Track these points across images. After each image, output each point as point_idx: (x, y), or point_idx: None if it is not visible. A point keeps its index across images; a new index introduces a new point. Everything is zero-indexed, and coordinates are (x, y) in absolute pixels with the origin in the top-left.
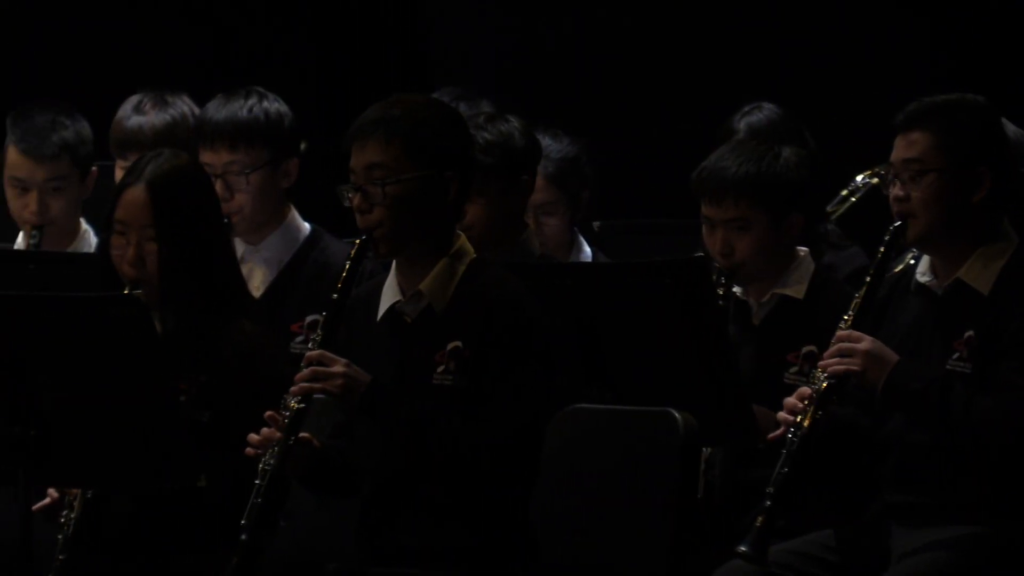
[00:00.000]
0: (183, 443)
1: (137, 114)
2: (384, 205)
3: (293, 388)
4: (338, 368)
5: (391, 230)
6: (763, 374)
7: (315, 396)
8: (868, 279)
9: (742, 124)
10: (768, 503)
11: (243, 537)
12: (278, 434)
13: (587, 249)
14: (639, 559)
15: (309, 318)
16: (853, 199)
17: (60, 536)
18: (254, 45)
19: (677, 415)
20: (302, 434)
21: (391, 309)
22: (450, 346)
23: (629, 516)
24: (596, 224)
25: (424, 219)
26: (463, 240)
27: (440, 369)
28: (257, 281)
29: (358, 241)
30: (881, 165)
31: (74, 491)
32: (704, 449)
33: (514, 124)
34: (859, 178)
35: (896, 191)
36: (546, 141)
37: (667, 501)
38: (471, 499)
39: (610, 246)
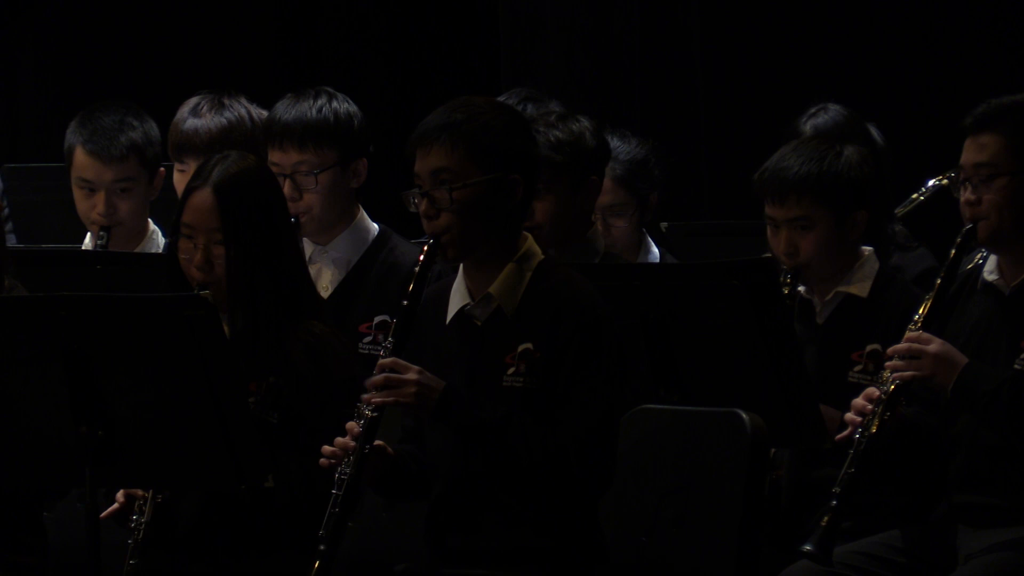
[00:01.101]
0: (252, 444)
1: (194, 117)
2: (451, 210)
3: (366, 396)
4: (411, 376)
5: (458, 234)
6: (827, 373)
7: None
8: (939, 281)
9: (808, 126)
10: (834, 503)
11: (321, 547)
12: (352, 443)
13: (655, 250)
14: (706, 559)
15: (377, 318)
16: (921, 199)
17: (130, 541)
18: (324, 45)
19: (744, 416)
20: (376, 442)
21: (460, 312)
22: (520, 348)
23: (696, 516)
24: (664, 225)
25: (491, 222)
26: (531, 241)
27: (511, 371)
28: (326, 281)
29: (426, 246)
30: (952, 169)
31: (144, 495)
32: (771, 449)
33: (585, 124)
34: (931, 183)
35: (967, 195)
36: (614, 143)
37: (734, 502)
38: (543, 500)
39: (678, 247)
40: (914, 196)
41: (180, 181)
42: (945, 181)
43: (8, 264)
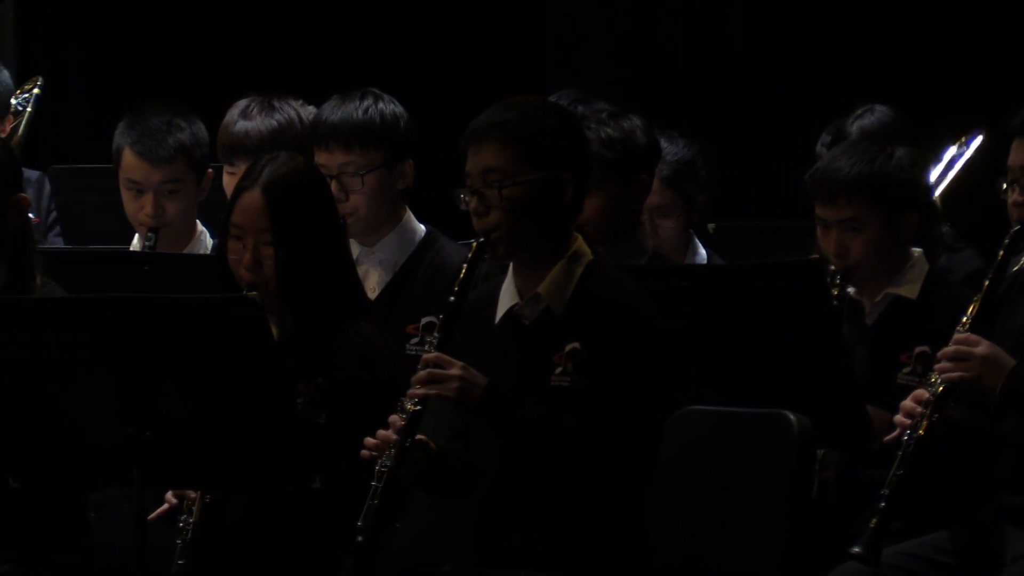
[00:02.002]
0: (300, 445)
1: (244, 119)
2: (501, 208)
3: (410, 391)
4: (454, 371)
5: (508, 233)
6: (876, 374)
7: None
8: (987, 282)
9: (854, 127)
10: (882, 505)
11: (359, 539)
12: (394, 436)
13: (702, 251)
14: (753, 560)
15: (425, 319)
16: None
17: (179, 541)
18: (371, 46)
19: (791, 417)
20: (418, 436)
21: (509, 312)
22: (568, 347)
23: (743, 518)
24: (711, 226)
25: (541, 221)
26: (580, 242)
27: (558, 371)
28: (373, 283)
29: (475, 244)
30: (1002, 171)
31: (192, 496)
32: (819, 450)
33: (636, 122)
34: (948, 153)
35: (1016, 196)
36: (662, 144)
37: (781, 503)
38: (587, 501)
39: (725, 248)
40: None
41: (229, 183)
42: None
43: (40, 263)
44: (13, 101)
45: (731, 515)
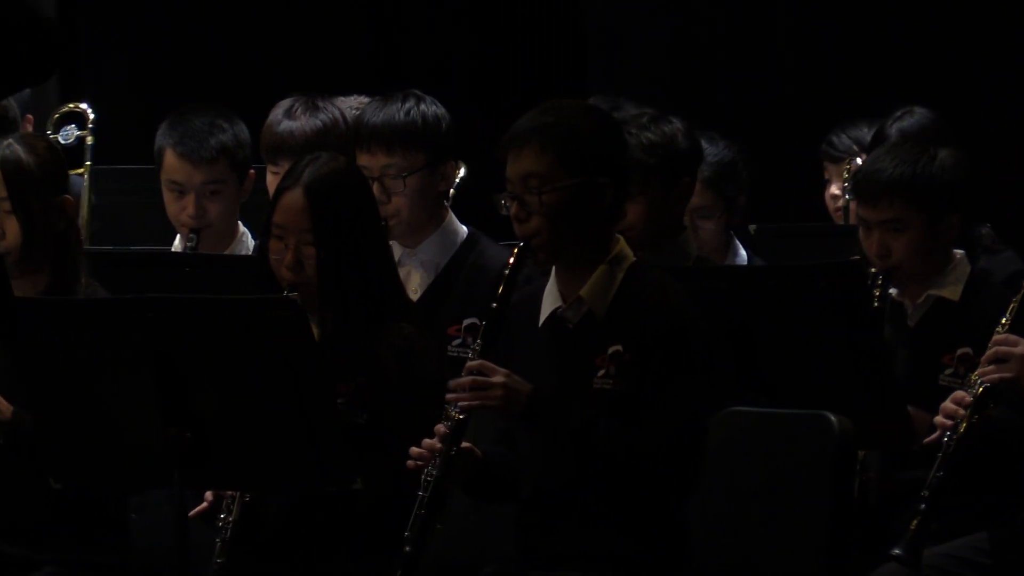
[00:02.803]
0: (340, 446)
1: (288, 119)
2: (541, 213)
3: (451, 396)
4: (498, 379)
5: (549, 238)
6: (918, 375)
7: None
8: None
9: (894, 129)
10: (922, 507)
11: (407, 549)
12: (439, 445)
13: (743, 252)
14: (794, 562)
15: (466, 321)
16: None
17: (218, 540)
18: (413, 48)
19: (832, 418)
20: (464, 444)
21: (552, 315)
22: (611, 350)
23: (784, 519)
24: (752, 227)
25: (581, 226)
26: (622, 244)
27: (601, 373)
28: (414, 284)
29: (516, 249)
30: None
31: (232, 493)
32: (860, 451)
33: (677, 126)
34: None
35: None
36: (703, 145)
37: (822, 504)
38: (629, 504)
39: (766, 249)
40: None
41: (273, 183)
42: None
43: (85, 264)
44: (55, 136)
45: (772, 516)
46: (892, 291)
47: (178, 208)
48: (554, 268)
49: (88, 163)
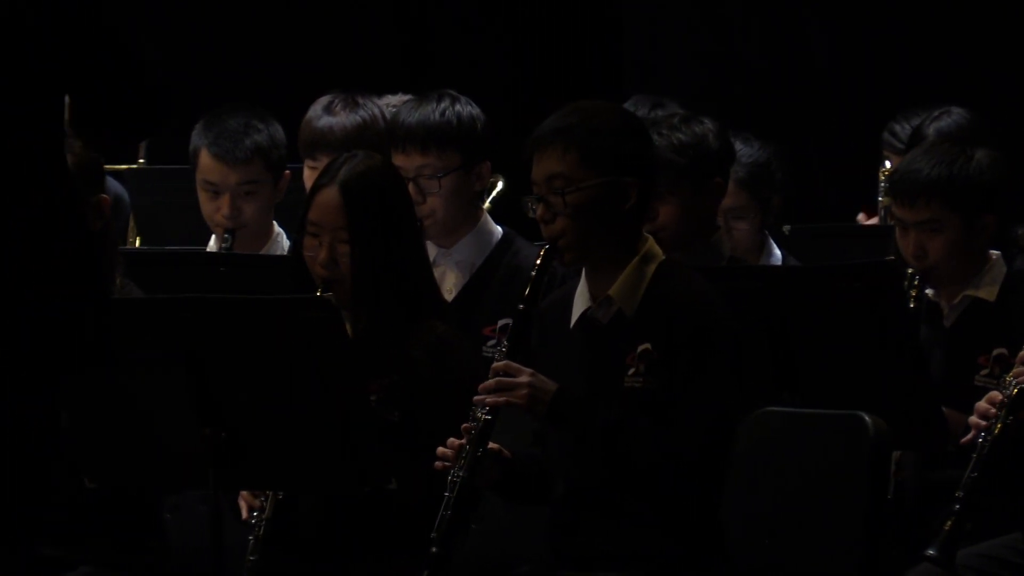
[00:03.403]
0: (374, 445)
1: (327, 115)
2: (566, 215)
3: (478, 399)
4: (523, 378)
5: (574, 239)
6: (954, 376)
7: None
8: None
9: (931, 129)
10: (957, 507)
11: (433, 549)
12: (465, 444)
13: (777, 252)
14: (829, 562)
15: (501, 321)
16: None
17: (251, 538)
18: (448, 49)
19: (867, 418)
20: (491, 445)
21: (583, 316)
22: (640, 348)
23: (819, 519)
24: (786, 228)
25: (607, 225)
26: (651, 243)
27: (631, 372)
28: (450, 284)
29: (542, 251)
30: None
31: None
32: (895, 451)
33: (708, 126)
34: None
35: None
36: (737, 146)
37: (857, 504)
38: (661, 503)
39: (800, 249)
40: None
41: (310, 177)
42: None
43: (120, 264)
44: None
45: (807, 517)
46: (928, 291)
47: (213, 208)
48: (584, 269)
49: (142, 160)
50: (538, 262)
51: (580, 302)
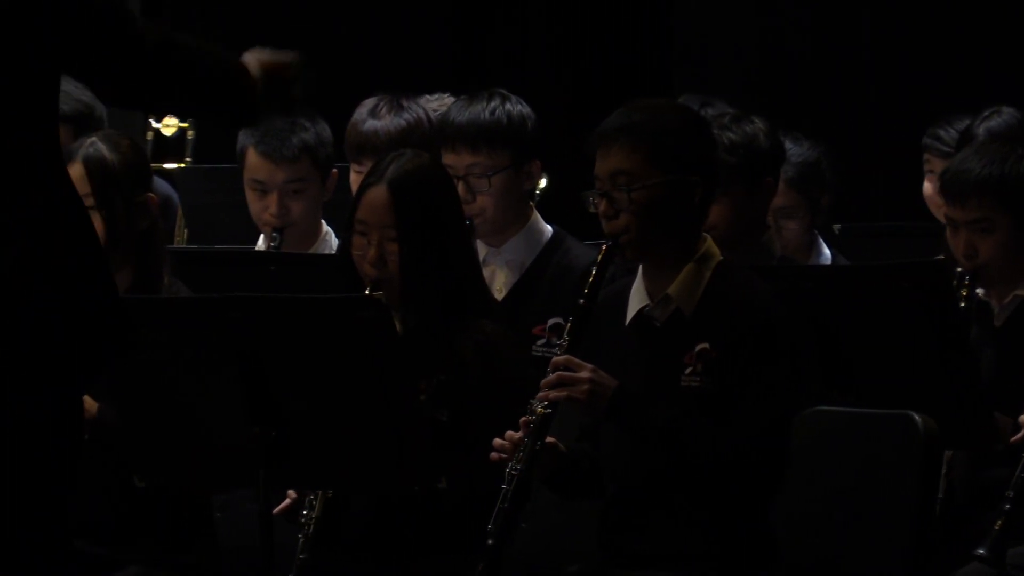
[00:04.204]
0: (424, 444)
1: (373, 118)
2: (630, 211)
3: (540, 394)
4: (584, 374)
5: (637, 235)
6: (1004, 376)
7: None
8: None
9: (981, 129)
10: (1007, 507)
11: (490, 542)
12: (523, 438)
13: (826, 252)
14: (879, 561)
15: (551, 320)
16: None
17: (300, 536)
18: (498, 47)
19: (918, 418)
20: (548, 439)
21: (639, 313)
22: (698, 348)
23: (869, 519)
24: (836, 227)
25: (670, 224)
26: (709, 243)
27: (688, 371)
28: (499, 284)
29: (604, 247)
30: None
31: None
32: (946, 451)
33: (759, 126)
34: None
35: None
36: (787, 145)
37: (907, 504)
38: (716, 502)
39: (850, 249)
40: None
41: (356, 182)
42: None
43: (168, 262)
44: (157, 127)
45: (857, 516)
46: (978, 291)
47: (261, 207)
48: (641, 267)
49: (188, 159)
50: (599, 258)
51: (636, 300)
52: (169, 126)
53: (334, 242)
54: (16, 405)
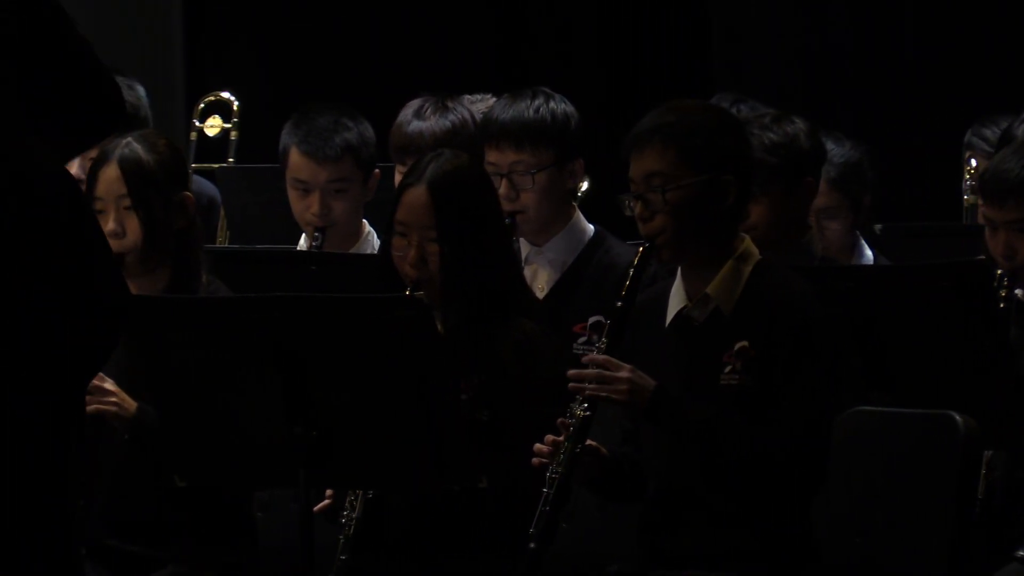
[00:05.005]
0: (464, 443)
1: (418, 119)
2: (665, 212)
3: (574, 387)
4: (623, 374)
5: (673, 236)
6: None
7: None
8: None
9: (1020, 130)
10: None
11: (531, 545)
12: (563, 441)
13: (868, 252)
14: (918, 561)
15: (592, 319)
16: None
17: (341, 537)
18: (541, 46)
19: (958, 418)
20: (589, 442)
21: (679, 314)
22: (737, 346)
23: (909, 518)
24: (878, 227)
25: (705, 224)
26: (748, 242)
27: (727, 369)
28: (541, 282)
29: (641, 248)
30: None
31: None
32: (986, 451)
33: (800, 126)
34: None
35: None
36: (828, 145)
37: (947, 504)
38: (755, 502)
39: (892, 249)
40: None
41: None
42: None
43: (206, 262)
44: (201, 127)
45: (896, 516)
46: (1018, 291)
47: (303, 207)
48: (680, 268)
49: (231, 159)
50: (636, 260)
51: (676, 301)
52: (213, 127)
53: (376, 242)
54: (13, 405)
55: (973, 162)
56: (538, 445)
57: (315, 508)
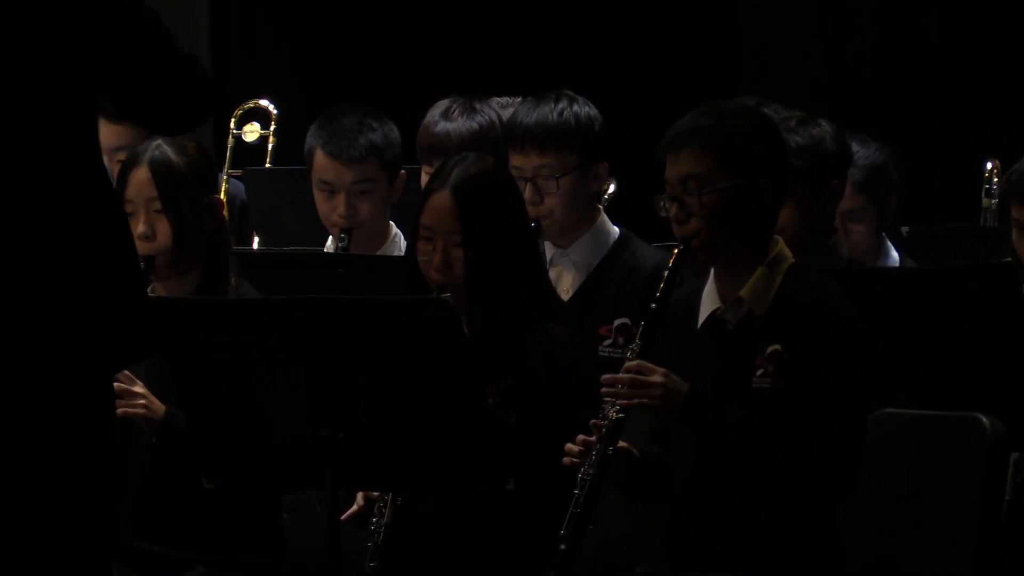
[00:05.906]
0: (492, 446)
1: (445, 120)
2: (701, 215)
3: (606, 390)
4: (657, 378)
5: (708, 239)
6: None
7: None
8: None
9: None
10: None
11: (561, 547)
12: (595, 442)
13: (894, 254)
14: (945, 564)
15: (618, 321)
16: None
17: (370, 543)
18: (565, 49)
19: (985, 420)
20: (620, 444)
21: (711, 316)
22: (770, 350)
23: (935, 521)
24: (904, 229)
25: (741, 227)
26: (781, 245)
27: (759, 372)
28: (566, 285)
29: (676, 251)
30: None
31: (383, 496)
32: (1013, 453)
33: (826, 128)
34: None
35: None
36: (854, 148)
37: (973, 507)
38: (784, 504)
39: (918, 251)
40: None
41: None
42: None
43: (235, 264)
44: (239, 133)
45: (923, 518)
46: None
47: (329, 208)
48: (713, 270)
49: (269, 164)
50: (671, 262)
51: (708, 303)
52: (251, 132)
53: (403, 243)
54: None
55: (988, 164)
56: (569, 445)
57: (342, 516)
